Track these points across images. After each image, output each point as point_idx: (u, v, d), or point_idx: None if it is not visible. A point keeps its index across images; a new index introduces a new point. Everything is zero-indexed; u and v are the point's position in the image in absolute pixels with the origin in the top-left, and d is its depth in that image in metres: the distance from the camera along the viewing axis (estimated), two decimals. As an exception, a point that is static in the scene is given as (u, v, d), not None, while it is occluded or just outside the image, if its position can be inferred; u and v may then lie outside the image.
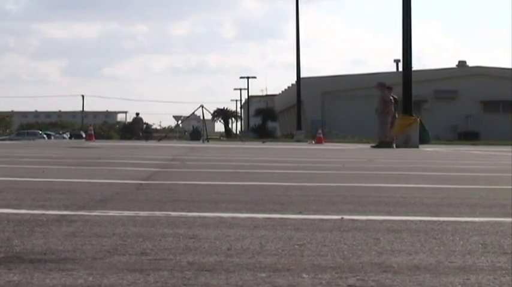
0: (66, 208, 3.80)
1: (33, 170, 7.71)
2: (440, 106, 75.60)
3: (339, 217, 3.58)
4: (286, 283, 2.02)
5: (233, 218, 3.49)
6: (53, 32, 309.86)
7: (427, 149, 22.77)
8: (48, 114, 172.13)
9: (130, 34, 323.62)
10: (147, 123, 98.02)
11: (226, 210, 3.84)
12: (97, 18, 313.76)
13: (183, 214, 3.64)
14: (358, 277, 2.12)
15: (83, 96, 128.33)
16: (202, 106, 43.57)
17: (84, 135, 67.65)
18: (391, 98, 24.33)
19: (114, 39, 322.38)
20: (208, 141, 40.27)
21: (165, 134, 65.59)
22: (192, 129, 67.36)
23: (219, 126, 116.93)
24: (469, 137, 64.62)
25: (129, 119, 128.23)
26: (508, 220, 3.61)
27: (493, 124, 73.15)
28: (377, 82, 25.83)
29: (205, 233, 2.95)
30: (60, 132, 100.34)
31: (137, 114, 50.00)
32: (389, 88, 24.59)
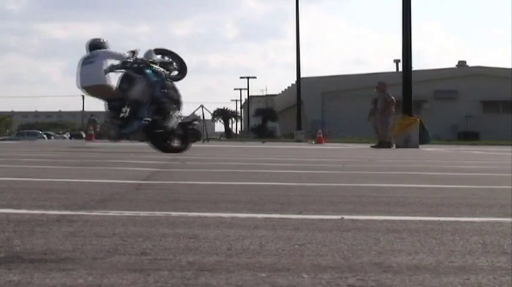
0: (66, 208, 3.80)
1: (33, 170, 7.71)
2: (440, 106, 75.60)
3: (339, 217, 3.58)
4: (286, 283, 2.02)
5: (233, 218, 3.49)
6: (54, 32, 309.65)
7: (427, 149, 22.77)
8: (49, 114, 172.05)
9: (131, 34, 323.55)
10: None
11: (226, 210, 3.84)
12: (98, 19, 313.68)
13: (183, 214, 3.64)
14: (358, 277, 2.11)
15: (83, 96, 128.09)
16: (202, 106, 43.56)
17: (84, 136, 67.58)
18: (392, 98, 24.35)
19: (115, 39, 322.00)
20: (208, 141, 40.28)
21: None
22: (192, 129, 67.21)
23: (219, 127, 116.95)
24: (469, 137, 64.63)
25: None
26: (508, 220, 3.60)
27: (493, 124, 73.19)
28: (378, 82, 25.86)
29: (205, 233, 2.94)
30: (61, 132, 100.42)
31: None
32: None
